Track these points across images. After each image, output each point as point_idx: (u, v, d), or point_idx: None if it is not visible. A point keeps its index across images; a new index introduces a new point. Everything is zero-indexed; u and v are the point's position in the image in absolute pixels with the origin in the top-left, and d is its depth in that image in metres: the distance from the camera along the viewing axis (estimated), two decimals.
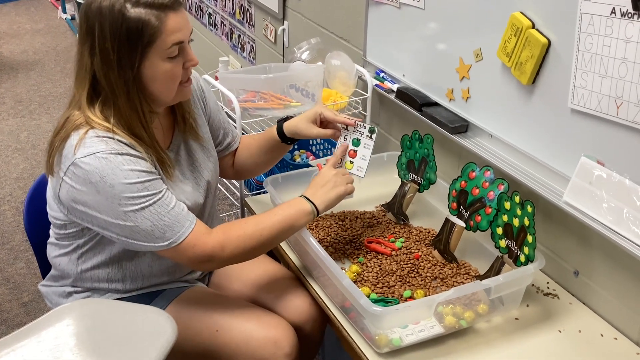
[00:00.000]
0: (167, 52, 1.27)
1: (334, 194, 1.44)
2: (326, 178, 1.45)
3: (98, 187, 1.25)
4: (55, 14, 6.03)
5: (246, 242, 1.35)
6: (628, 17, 1.20)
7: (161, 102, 1.36)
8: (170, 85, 1.32)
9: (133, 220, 1.27)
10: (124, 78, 1.26)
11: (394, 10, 1.91)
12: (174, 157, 1.44)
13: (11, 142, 3.74)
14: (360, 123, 1.55)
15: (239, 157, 1.68)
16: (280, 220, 1.38)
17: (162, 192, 1.30)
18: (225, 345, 1.42)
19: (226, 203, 2.98)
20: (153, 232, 1.28)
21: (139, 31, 1.23)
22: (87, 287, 1.47)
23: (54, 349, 1.13)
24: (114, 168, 1.25)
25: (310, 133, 1.54)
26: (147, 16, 1.23)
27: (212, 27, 3.63)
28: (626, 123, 1.26)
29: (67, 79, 4.65)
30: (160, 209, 1.28)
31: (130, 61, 1.25)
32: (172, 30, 1.26)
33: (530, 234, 1.35)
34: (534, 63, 1.43)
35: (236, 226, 1.37)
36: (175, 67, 1.30)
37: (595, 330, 1.42)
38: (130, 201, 1.26)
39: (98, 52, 1.25)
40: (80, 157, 1.25)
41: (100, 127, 1.28)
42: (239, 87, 1.95)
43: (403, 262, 1.55)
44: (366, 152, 1.55)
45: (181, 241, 1.30)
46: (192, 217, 1.34)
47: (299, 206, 1.41)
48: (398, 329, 1.32)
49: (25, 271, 2.67)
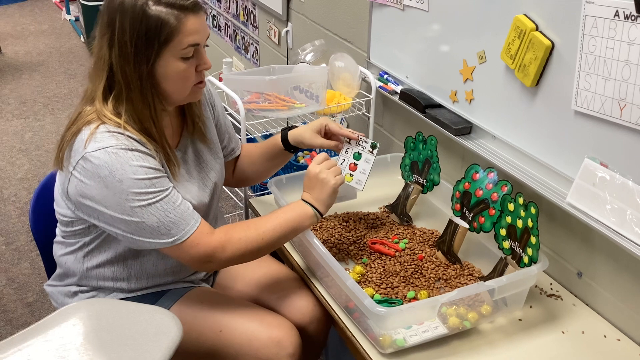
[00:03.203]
0: (182, 53, 1.30)
1: (326, 192, 1.44)
2: (313, 180, 1.44)
3: (106, 182, 1.26)
4: (60, 16, 6.05)
5: (247, 245, 1.37)
6: (631, 19, 1.21)
7: (173, 101, 1.38)
8: (182, 85, 1.34)
9: (140, 216, 1.28)
10: (139, 72, 1.29)
11: (397, 12, 1.92)
12: (181, 157, 1.45)
13: (15, 143, 3.76)
14: (363, 138, 1.57)
15: (240, 165, 1.69)
16: (282, 223, 1.40)
17: (169, 189, 1.32)
18: (229, 346, 1.42)
19: (230, 204, 2.98)
20: (159, 229, 1.30)
21: (157, 29, 1.26)
22: (92, 286, 1.47)
23: (60, 349, 1.14)
24: (123, 163, 1.26)
25: (314, 143, 1.56)
26: (166, 15, 1.26)
27: (216, 28, 3.64)
28: (629, 125, 1.27)
29: (71, 80, 4.67)
30: (167, 205, 1.30)
31: (145, 57, 1.28)
32: (190, 32, 1.29)
33: (533, 236, 1.35)
34: (538, 65, 1.43)
35: (238, 228, 1.38)
36: (188, 69, 1.32)
37: (599, 331, 1.42)
38: (138, 197, 1.27)
39: (116, 44, 1.28)
40: (90, 151, 1.27)
41: (112, 123, 1.30)
42: (243, 88, 1.96)
43: (407, 263, 1.55)
44: (366, 167, 1.57)
45: (185, 239, 1.32)
46: (197, 216, 1.35)
47: (301, 209, 1.42)
48: (402, 329, 1.33)
49: (30, 271, 2.68)
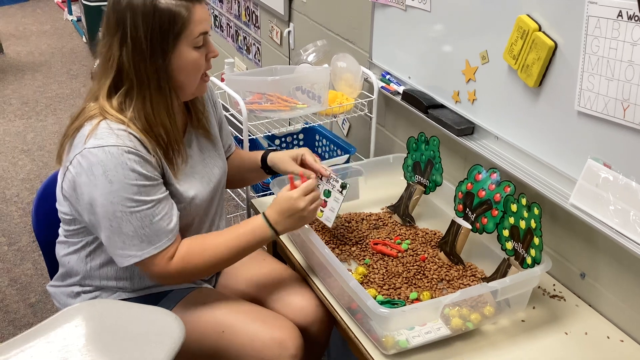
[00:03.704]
0: (195, 42, 1.34)
1: (298, 225, 1.44)
2: (295, 208, 1.42)
3: (98, 181, 1.28)
4: (62, 16, 6.05)
5: (203, 270, 1.42)
6: (635, 20, 1.20)
7: (184, 94, 1.41)
8: (195, 75, 1.38)
9: (119, 222, 1.30)
10: (155, 66, 1.32)
11: (399, 12, 1.91)
12: (187, 152, 1.46)
13: (18, 144, 3.76)
14: (334, 176, 1.57)
15: (231, 166, 1.70)
16: (239, 246, 1.41)
17: (153, 202, 1.32)
18: (231, 346, 1.42)
19: (232, 204, 2.98)
20: (132, 239, 1.31)
21: (171, 21, 1.30)
22: (95, 286, 1.48)
23: (63, 350, 1.14)
24: (117, 165, 1.27)
25: (286, 168, 1.59)
26: (177, 8, 1.30)
27: (218, 28, 3.64)
28: (633, 126, 1.26)
29: (73, 80, 4.67)
30: (145, 219, 1.31)
31: (161, 50, 1.31)
32: (200, 21, 1.33)
33: (536, 236, 1.35)
34: (541, 66, 1.43)
35: (196, 254, 1.39)
36: (200, 57, 1.37)
37: (602, 332, 1.42)
38: (123, 202, 1.29)
39: (130, 42, 1.30)
40: (89, 147, 1.28)
41: (113, 119, 1.31)
42: (245, 89, 1.96)
43: (409, 263, 1.55)
44: (335, 205, 1.57)
45: (144, 259, 1.34)
46: (172, 235, 1.36)
47: (261, 234, 1.42)
48: (405, 330, 1.33)
49: (33, 272, 2.68)
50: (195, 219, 1.49)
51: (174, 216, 1.37)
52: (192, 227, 1.49)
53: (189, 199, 1.42)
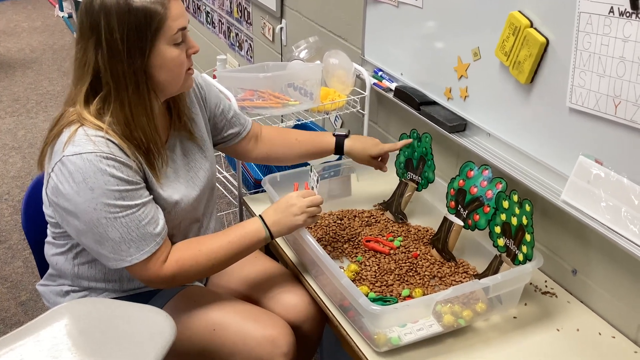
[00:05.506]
0: (173, 39, 1.30)
1: (290, 221, 1.43)
2: (289, 203, 1.43)
3: (79, 188, 1.25)
4: (53, 12, 6.02)
5: (198, 272, 1.40)
6: (626, 16, 1.20)
7: (168, 92, 1.37)
8: (177, 72, 1.34)
9: (104, 228, 1.28)
10: (134, 68, 1.27)
11: (392, 8, 1.91)
12: (170, 156, 1.44)
13: (8, 141, 3.74)
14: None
15: (271, 146, 1.71)
16: (235, 249, 1.40)
17: (137, 205, 1.30)
18: (223, 344, 1.42)
19: (224, 202, 2.97)
20: (120, 245, 1.29)
21: (147, 19, 1.25)
22: (84, 287, 1.46)
23: (52, 349, 1.13)
24: (96, 171, 1.25)
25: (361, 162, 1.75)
26: (152, 5, 1.26)
27: (210, 25, 3.63)
28: (624, 122, 1.26)
29: (65, 77, 4.65)
30: (131, 223, 1.29)
31: (139, 50, 1.27)
32: (177, 16, 1.29)
33: (528, 233, 1.35)
34: (532, 62, 1.43)
35: (190, 257, 1.38)
36: (181, 54, 1.33)
37: (594, 328, 1.42)
38: (106, 208, 1.26)
39: (105, 46, 1.26)
40: (67, 154, 1.26)
41: (91, 126, 1.28)
42: (237, 85, 1.95)
43: (401, 260, 1.55)
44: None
45: (136, 263, 1.32)
46: (159, 239, 1.34)
47: (256, 236, 1.42)
48: (397, 327, 1.32)
49: (23, 270, 2.66)
50: (182, 223, 1.46)
51: (160, 219, 1.34)
52: (180, 230, 1.47)
53: (173, 203, 1.40)
